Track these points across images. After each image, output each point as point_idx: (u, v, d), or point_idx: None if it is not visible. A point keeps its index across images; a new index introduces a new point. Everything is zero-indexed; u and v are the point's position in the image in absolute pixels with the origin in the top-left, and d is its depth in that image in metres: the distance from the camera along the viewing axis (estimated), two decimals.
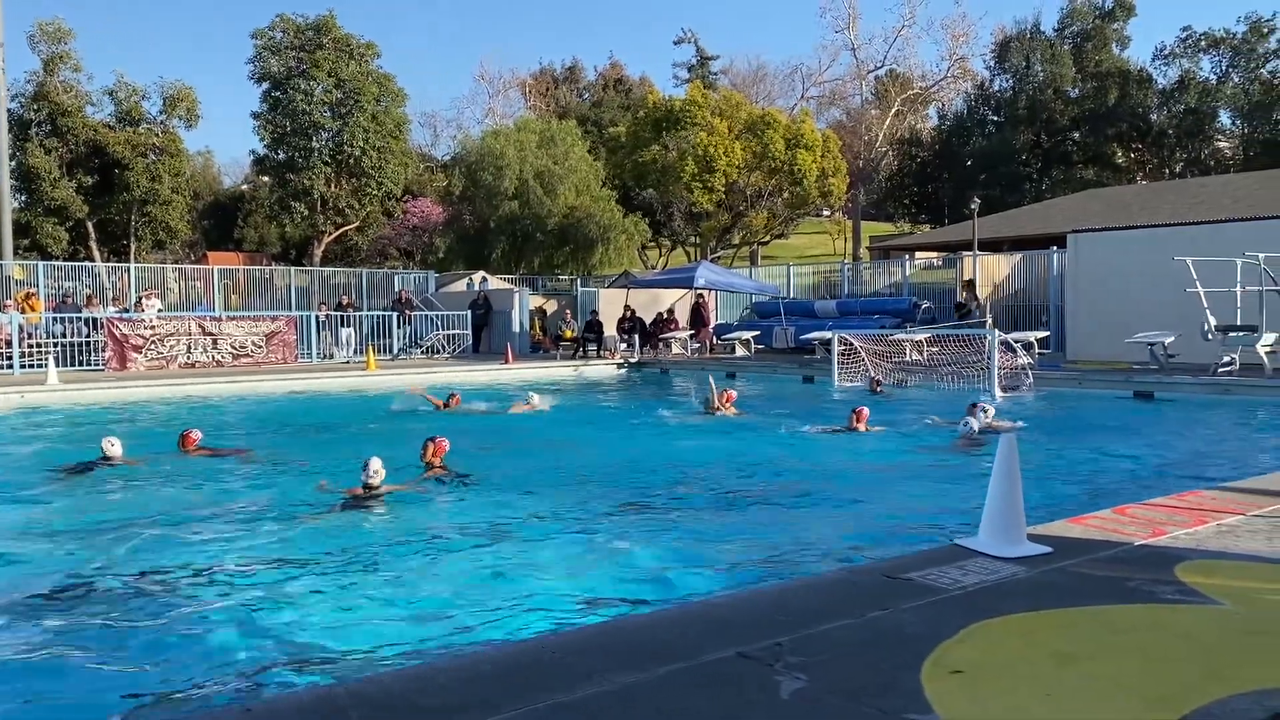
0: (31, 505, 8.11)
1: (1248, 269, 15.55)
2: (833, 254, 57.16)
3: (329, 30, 40.12)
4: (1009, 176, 50.12)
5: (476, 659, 3.63)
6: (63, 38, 38.65)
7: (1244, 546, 4.77)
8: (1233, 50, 50.02)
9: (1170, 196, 33.67)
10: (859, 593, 4.10)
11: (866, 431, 11.33)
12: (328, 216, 41.86)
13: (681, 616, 4.05)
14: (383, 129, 40.91)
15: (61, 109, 37.90)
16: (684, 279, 26.35)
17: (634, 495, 8.45)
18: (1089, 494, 7.90)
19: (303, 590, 5.59)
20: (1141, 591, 4.05)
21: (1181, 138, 50.48)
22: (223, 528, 7.14)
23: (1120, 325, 17.14)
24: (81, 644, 4.75)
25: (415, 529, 7.00)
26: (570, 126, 41.83)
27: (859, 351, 17.71)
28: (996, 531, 4.72)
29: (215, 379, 18.91)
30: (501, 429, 13.19)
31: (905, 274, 27.48)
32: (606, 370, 22.62)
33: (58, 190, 37.31)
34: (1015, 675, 3.16)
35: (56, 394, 16.27)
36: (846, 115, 62.33)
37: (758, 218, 41.98)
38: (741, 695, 2.99)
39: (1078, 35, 52.66)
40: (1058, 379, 16.30)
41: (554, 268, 39.29)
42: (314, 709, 2.96)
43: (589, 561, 6.23)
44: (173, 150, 40.20)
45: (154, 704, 4.06)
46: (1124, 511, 5.62)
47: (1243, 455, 9.94)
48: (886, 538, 6.70)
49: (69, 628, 5.01)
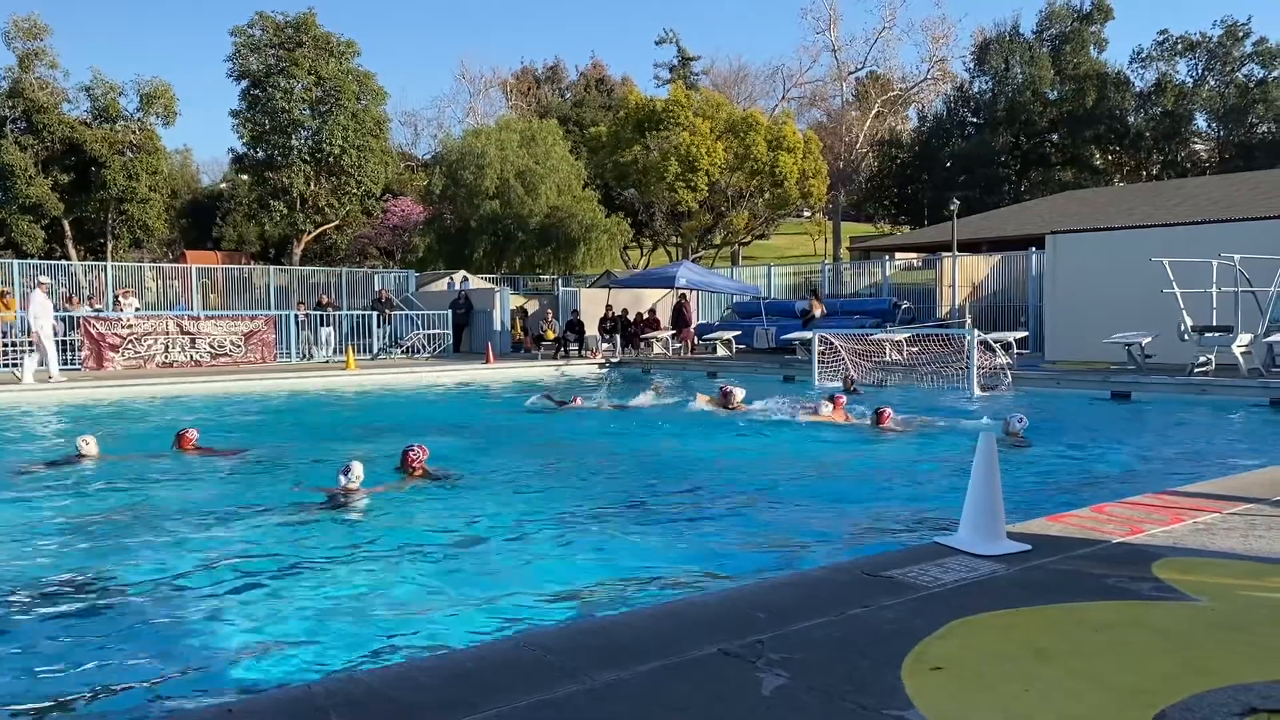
0: (5, 504, 8.01)
1: (1223, 270, 15.70)
2: (813, 254, 57.36)
3: (309, 28, 39.88)
4: (988, 178, 50.43)
5: (457, 657, 3.61)
6: (39, 33, 38.28)
7: (1220, 544, 4.82)
8: (1208, 54, 50.54)
9: (1147, 198, 33.97)
10: (840, 590, 4.11)
11: (887, 431, 11.36)
12: (307, 215, 41.63)
13: (663, 614, 4.05)
14: (363, 127, 40.71)
15: (37, 105, 37.51)
16: (665, 279, 26.38)
17: (614, 493, 8.46)
18: (1068, 493, 7.95)
19: (284, 590, 5.55)
20: (1120, 589, 4.08)
21: (1158, 140, 50.95)
22: (202, 527, 7.08)
23: (1098, 326, 17.27)
24: (56, 644, 4.71)
25: (396, 529, 6.97)
26: (552, 126, 41.76)
27: (839, 351, 17.77)
28: (976, 529, 4.75)
29: (197, 379, 18.77)
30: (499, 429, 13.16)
31: (885, 275, 27.61)
32: (588, 370, 22.60)
33: (33, 188, 36.92)
34: (995, 671, 3.18)
35: (31, 393, 16.11)
36: (827, 116, 62.54)
37: (739, 218, 42.07)
38: (723, 692, 2.99)
39: (1056, 38, 53.05)
40: (1036, 379, 16.40)
41: (535, 267, 39.22)
42: (294, 708, 2.94)
43: (570, 560, 6.23)
44: (150, 148, 39.86)
45: (134, 704, 4.02)
46: (1102, 510, 5.66)
47: (1219, 454, 10.03)
48: (867, 535, 6.73)
49: (43, 629, 4.96)
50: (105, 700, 4.07)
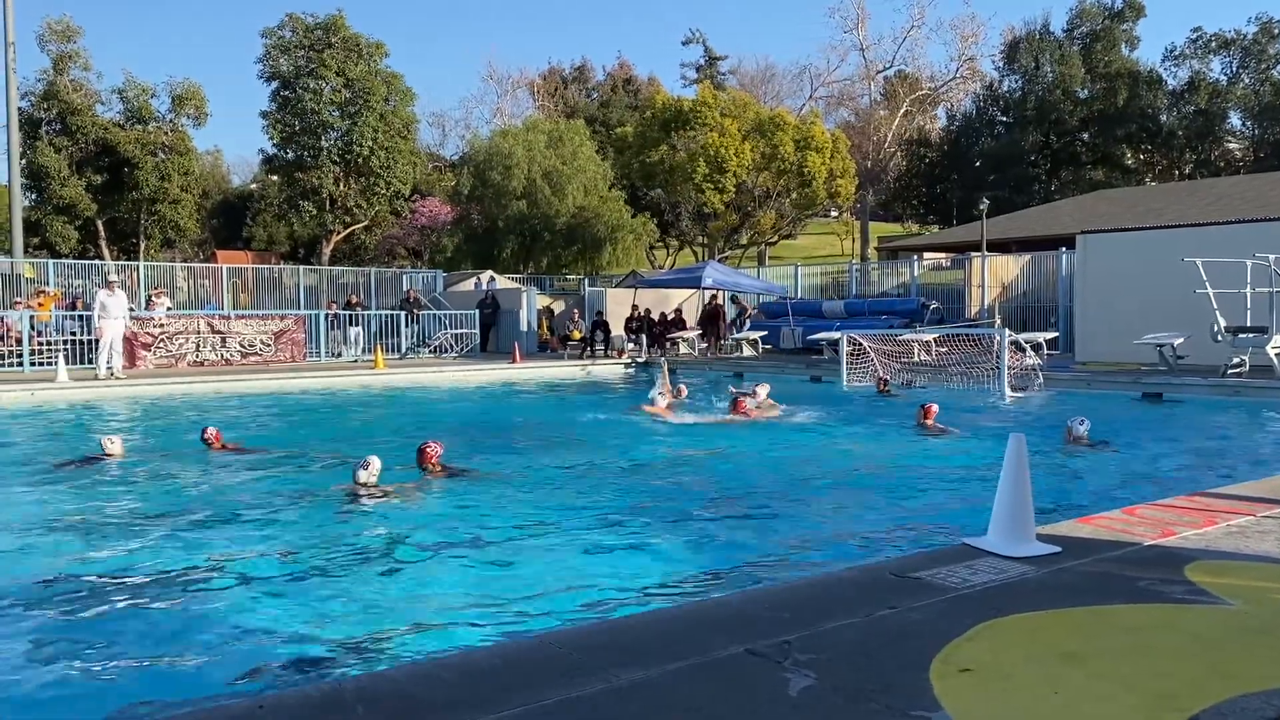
0: (32, 502, 8.11)
1: (1258, 270, 15.49)
2: (840, 254, 57.12)
3: (338, 29, 40.18)
4: (1018, 177, 50.01)
5: (483, 655, 3.62)
6: (72, 36, 38.83)
7: (1254, 547, 4.75)
8: (1243, 51, 49.87)
9: (1180, 198, 33.58)
10: (867, 591, 4.09)
11: (931, 429, 11.28)
12: (336, 215, 41.94)
13: (689, 614, 4.05)
14: (391, 128, 40.97)
15: (71, 108, 38.04)
16: (692, 279, 26.35)
17: (640, 493, 8.45)
18: (1098, 494, 7.87)
19: (311, 587, 5.60)
20: (1151, 591, 4.03)
21: (1191, 139, 50.32)
22: (225, 524, 7.15)
23: (1129, 326, 17.08)
24: (88, 639, 4.76)
25: (420, 526, 7.00)
26: (578, 126, 41.84)
27: (867, 352, 17.67)
28: (1005, 531, 4.71)
29: (227, 377, 18.95)
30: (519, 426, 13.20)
31: (913, 275, 27.43)
32: (614, 370, 22.62)
33: (67, 189, 37.44)
34: (1024, 674, 3.15)
35: (65, 392, 16.33)
36: (855, 116, 62.29)
37: (766, 218, 41.96)
38: (750, 693, 2.98)
39: (1087, 36, 52.48)
40: (1067, 380, 16.25)
41: (562, 267, 39.31)
42: (322, 704, 2.96)
43: (595, 558, 6.23)
44: (181, 149, 40.32)
45: (165, 698, 4.06)
46: (1133, 512, 5.59)
47: (1252, 457, 9.90)
48: (895, 536, 6.69)
49: (75, 623, 5.02)
50: (135, 694, 4.11)
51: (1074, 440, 10.13)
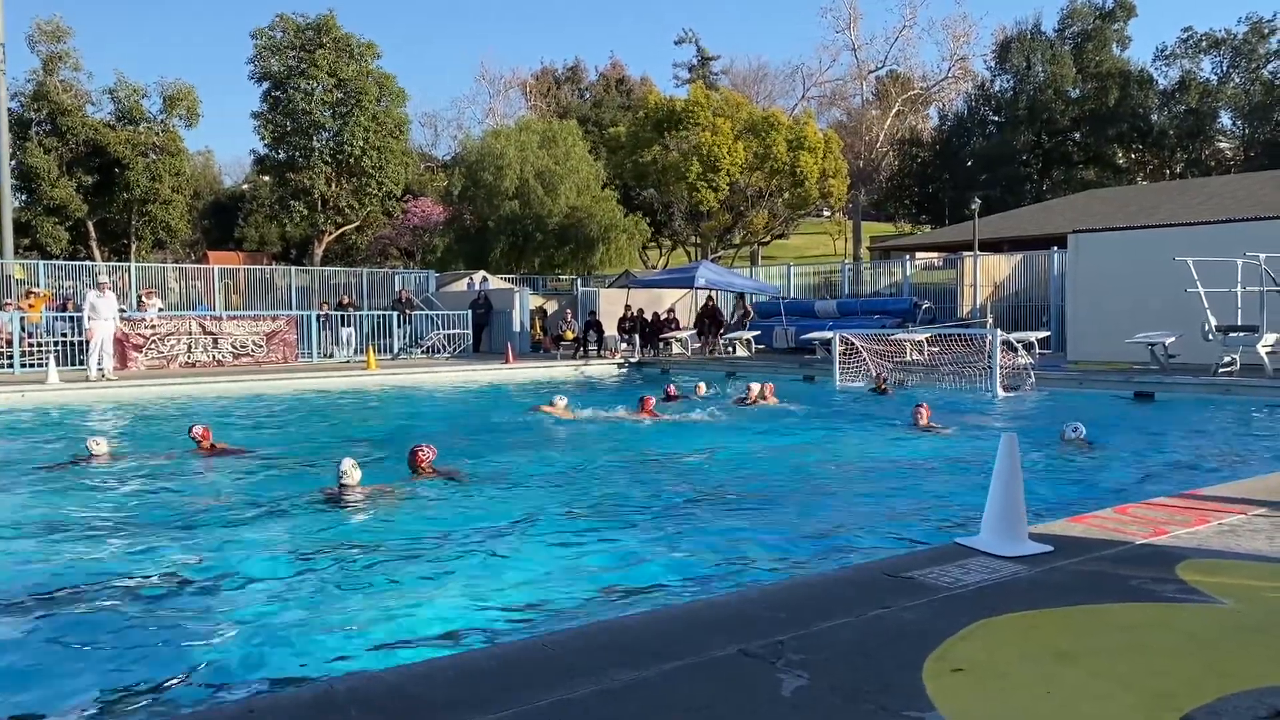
0: (15, 505, 8.02)
1: (1248, 269, 15.54)
2: (833, 254, 57.15)
3: (329, 30, 40.12)
4: (1009, 177, 50.14)
5: (476, 657, 3.62)
6: (62, 36, 38.70)
7: (1245, 546, 4.76)
8: (1233, 51, 50.09)
9: (1171, 197, 33.68)
10: (861, 591, 4.09)
11: (924, 428, 11.28)
12: (328, 216, 41.87)
13: (683, 614, 4.04)
14: (383, 129, 40.92)
15: (61, 108, 37.90)
16: (684, 279, 26.36)
17: (633, 493, 8.44)
18: (1090, 493, 7.89)
19: (303, 588, 5.58)
20: (1143, 590, 4.04)
21: (1182, 138, 50.50)
22: (214, 526, 7.10)
23: (1121, 326, 17.13)
24: (79, 641, 4.74)
25: (411, 527, 6.98)
26: (571, 126, 41.83)
27: (860, 351, 17.69)
28: (998, 530, 4.72)
29: (219, 378, 18.90)
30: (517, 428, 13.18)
31: (906, 274, 27.49)
32: (607, 370, 22.61)
33: (57, 189, 37.30)
34: (1017, 673, 3.15)
35: (56, 393, 16.26)
36: (847, 115, 62.34)
37: (758, 218, 41.98)
38: (746, 693, 2.98)
39: (1078, 35, 52.66)
40: (1058, 379, 16.29)
41: (554, 267, 39.28)
42: (314, 706, 2.95)
43: (588, 560, 6.22)
44: (173, 149, 40.21)
45: (156, 700, 4.05)
46: (1125, 511, 5.61)
47: (1243, 455, 9.92)
48: (888, 536, 6.69)
49: (65, 625, 4.99)
50: (126, 699, 4.09)
51: (1068, 443, 10.13)
